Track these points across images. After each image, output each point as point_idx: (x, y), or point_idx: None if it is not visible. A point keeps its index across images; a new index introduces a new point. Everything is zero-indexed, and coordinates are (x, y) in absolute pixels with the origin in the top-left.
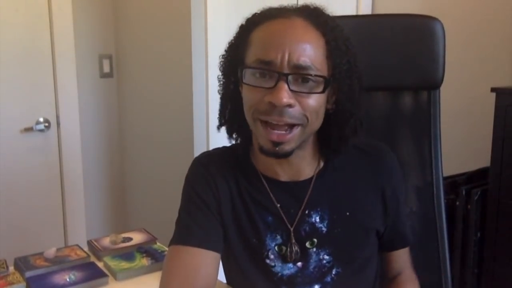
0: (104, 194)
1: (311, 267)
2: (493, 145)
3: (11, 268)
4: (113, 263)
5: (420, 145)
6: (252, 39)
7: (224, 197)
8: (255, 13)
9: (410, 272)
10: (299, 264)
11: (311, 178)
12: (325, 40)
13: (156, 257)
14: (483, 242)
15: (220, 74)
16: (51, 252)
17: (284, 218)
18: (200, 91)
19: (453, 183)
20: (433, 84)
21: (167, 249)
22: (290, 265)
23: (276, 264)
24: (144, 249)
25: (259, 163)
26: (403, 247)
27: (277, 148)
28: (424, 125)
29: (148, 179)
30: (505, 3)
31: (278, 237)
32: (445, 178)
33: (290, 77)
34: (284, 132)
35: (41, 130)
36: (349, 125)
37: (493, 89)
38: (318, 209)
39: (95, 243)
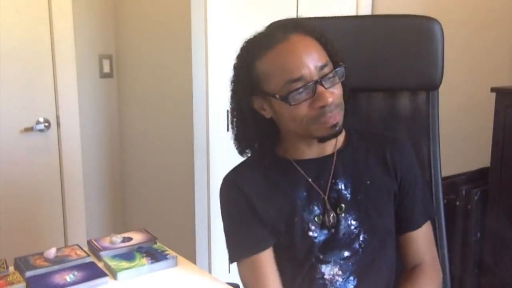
0: (104, 194)
1: (341, 233)
2: (493, 145)
3: (11, 268)
4: (113, 263)
5: (418, 145)
6: (264, 69)
7: (257, 199)
8: (249, 44)
9: (429, 263)
10: (332, 230)
11: (333, 154)
12: (316, 40)
13: (156, 257)
14: (483, 242)
15: (232, 107)
16: (51, 252)
17: (317, 188)
18: (200, 91)
19: (453, 183)
20: (432, 85)
21: (167, 249)
22: (325, 231)
23: (317, 233)
24: (144, 249)
25: (289, 151)
26: (414, 228)
27: (336, 128)
28: (422, 125)
29: (148, 179)
30: (505, 4)
31: (315, 208)
32: (445, 178)
33: (322, 81)
34: (337, 113)
35: (41, 130)
36: (346, 94)
37: (493, 89)
38: (342, 178)
39: (95, 243)
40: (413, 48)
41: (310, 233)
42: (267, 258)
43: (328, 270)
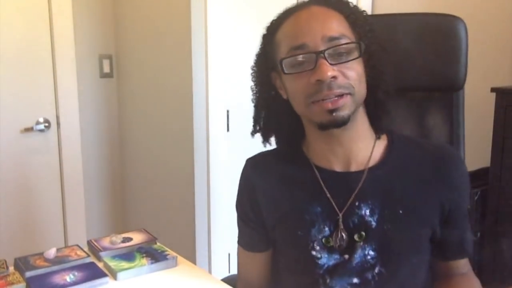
0: (104, 194)
1: (355, 261)
2: (493, 145)
3: (11, 268)
4: (113, 263)
5: None
6: (279, 39)
7: (265, 200)
8: (273, 19)
9: (469, 275)
10: (346, 256)
11: (363, 170)
12: (343, 15)
13: (156, 257)
14: (483, 242)
15: (253, 84)
16: (51, 252)
17: (335, 206)
18: (200, 91)
19: None
20: (456, 85)
21: (167, 249)
22: (337, 256)
23: (322, 255)
24: (144, 249)
25: (313, 154)
26: (457, 258)
27: (334, 114)
28: (446, 127)
29: (148, 179)
30: (505, 3)
31: (326, 228)
32: None
33: (326, 53)
34: (336, 98)
35: (41, 130)
36: (380, 88)
37: (493, 89)
38: (369, 201)
39: (95, 243)
40: (436, 47)
41: (313, 253)
42: (257, 258)
43: None
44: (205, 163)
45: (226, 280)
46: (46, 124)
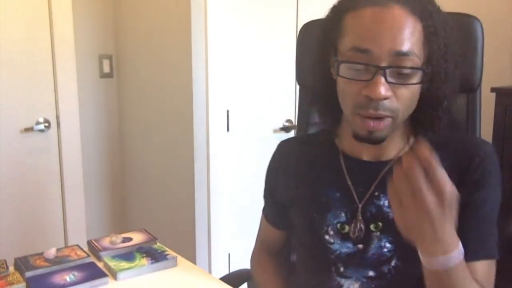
0: (104, 194)
1: (371, 252)
2: (493, 145)
3: (11, 268)
4: (113, 263)
5: None
6: (346, 25)
7: (286, 179)
8: None
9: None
10: (360, 246)
11: (391, 160)
12: (422, 25)
13: (156, 257)
14: None
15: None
16: (51, 252)
17: (355, 195)
18: (200, 91)
19: None
20: (471, 87)
21: (167, 249)
22: (350, 244)
23: (335, 241)
24: (144, 249)
25: (344, 143)
26: (469, 260)
27: (372, 135)
28: (461, 130)
29: (148, 179)
30: (505, 3)
31: (343, 214)
32: None
33: (387, 71)
34: (378, 121)
35: (41, 130)
36: (443, 106)
37: (493, 89)
38: None
39: (95, 243)
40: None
41: (326, 237)
42: (273, 233)
43: (348, 284)
44: (205, 163)
45: (225, 278)
46: (46, 124)
